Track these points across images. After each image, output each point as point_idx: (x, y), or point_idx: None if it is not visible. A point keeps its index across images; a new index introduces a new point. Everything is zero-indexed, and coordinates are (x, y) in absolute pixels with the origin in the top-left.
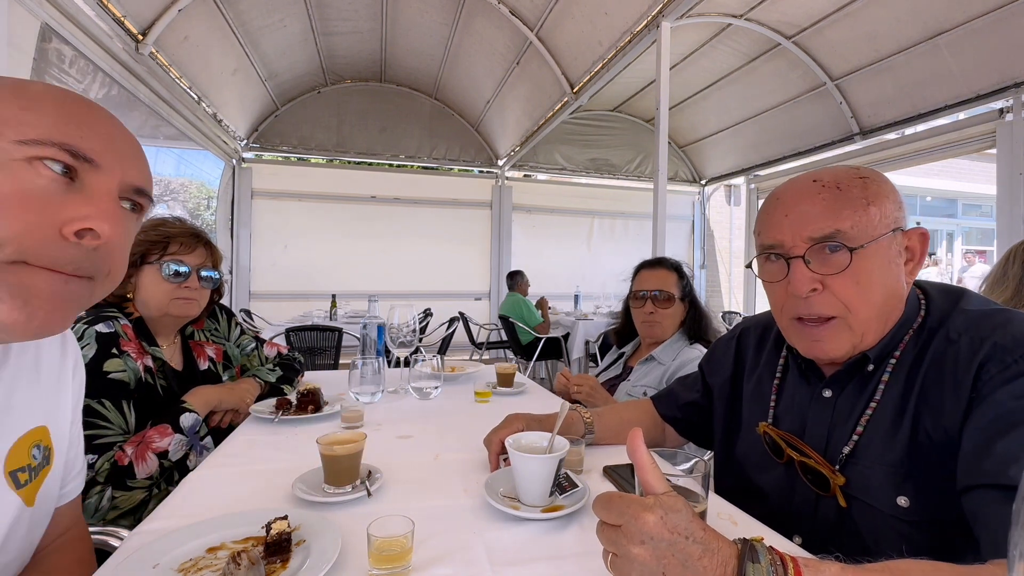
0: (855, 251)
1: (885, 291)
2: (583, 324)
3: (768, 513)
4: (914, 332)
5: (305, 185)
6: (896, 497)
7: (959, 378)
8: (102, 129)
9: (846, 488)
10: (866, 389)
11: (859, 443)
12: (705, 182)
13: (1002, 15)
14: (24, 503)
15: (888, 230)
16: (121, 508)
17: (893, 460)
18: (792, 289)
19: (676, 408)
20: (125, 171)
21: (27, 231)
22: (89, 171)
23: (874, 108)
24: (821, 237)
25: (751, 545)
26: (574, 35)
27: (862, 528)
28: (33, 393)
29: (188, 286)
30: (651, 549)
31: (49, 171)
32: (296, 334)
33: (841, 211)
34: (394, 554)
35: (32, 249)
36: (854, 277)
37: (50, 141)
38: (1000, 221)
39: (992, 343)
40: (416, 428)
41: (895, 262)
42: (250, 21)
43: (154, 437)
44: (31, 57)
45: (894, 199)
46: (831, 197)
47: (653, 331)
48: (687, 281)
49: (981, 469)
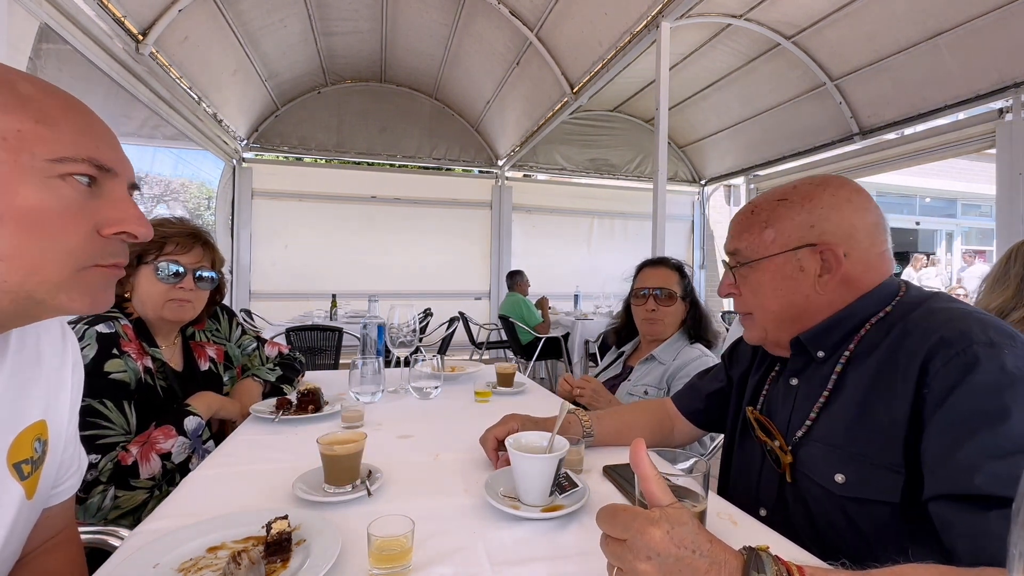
0: (745, 266)
1: (778, 300)
2: (583, 324)
3: (748, 487)
4: (873, 325)
5: (305, 185)
6: (834, 475)
7: (908, 368)
8: (106, 135)
9: (794, 465)
10: (823, 378)
11: (812, 427)
12: (705, 182)
13: (1002, 15)
14: (26, 495)
15: (786, 248)
16: (122, 508)
17: (836, 442)
18: (718, 290)
19: (699, 400)
20: (127, 171)
21: (84, 241)
22: (108, 178)
23: (874, 108)
24: (729, 252)
25: (756, 554)
26: (574, 35)
27: (808, 500)
28: (35, 387)
29: (183, 287)
30: (658, 565)
31: (79, 184)
32: (296, 334)
33: (742, 234)
34: (394, 554)
35: (89, 254)
36: (750, 287)
37: (78, 157)
38: (999, 221)
39: (939, 336)
40: (416, 428)
41: (792, 276)
42: (250, 21)
43: (158, 438)
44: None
45: (805, 219)
46: (744, 220)
47: (654, 329)
48: (688, 281)
49: (947, 478)
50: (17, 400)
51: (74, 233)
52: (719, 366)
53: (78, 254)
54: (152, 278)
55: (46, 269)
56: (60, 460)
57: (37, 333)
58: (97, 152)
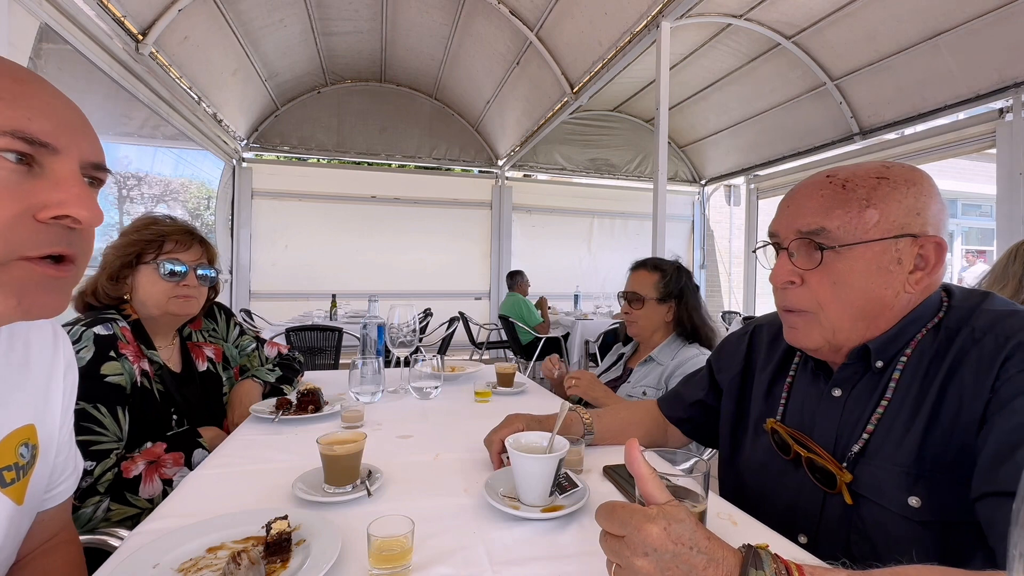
0: (836, 250)
1: (866, 295)
2: (583, 324)
3: (773, 512)
4: (928, 332)
5: (305, 185)
6: (907, 497)
7: (981, 376)
8: (45, 105)
9: (853, 486)
10: (877, 388)
11: (869, 442)
12: (705, 182)
13: (1002, 15)
14: (15, 502)
15: (888, 235)
16: (112, 521)
17: (905, 460)
18: (771, 278)
19: (682, 409)
20: (81, 149)
21: (8, 227)
22: (47, 155)
23: (874, 108)
24: (807, 232)
25: (755, 552)
26: (574, 35)
27: (869, 527)
28: (21, 392)
29: (186, 284)
30: (655, 561)
31: (7, 162)
32: (296, 334)
33: (833, 210)
34: (394, 554)
35: (17, 243)
36: (831, 276)
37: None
38: (1000, 221)
39: (1017, 342)
40: (416, 428)
41: (888, 268)
42: (250, 21)
43: (167, 461)
44: (28, 57)
45: (912, 204)
46: (830, 194)
47: (632, 330)
48: (671, 279)
49: (998, 477)
50: (2, 406)
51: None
52: (703, 372)
53: (2, 242)
54: (154, 277)
55: None
56: (53, 465)
57: (27, 336)
58: (28, 124)
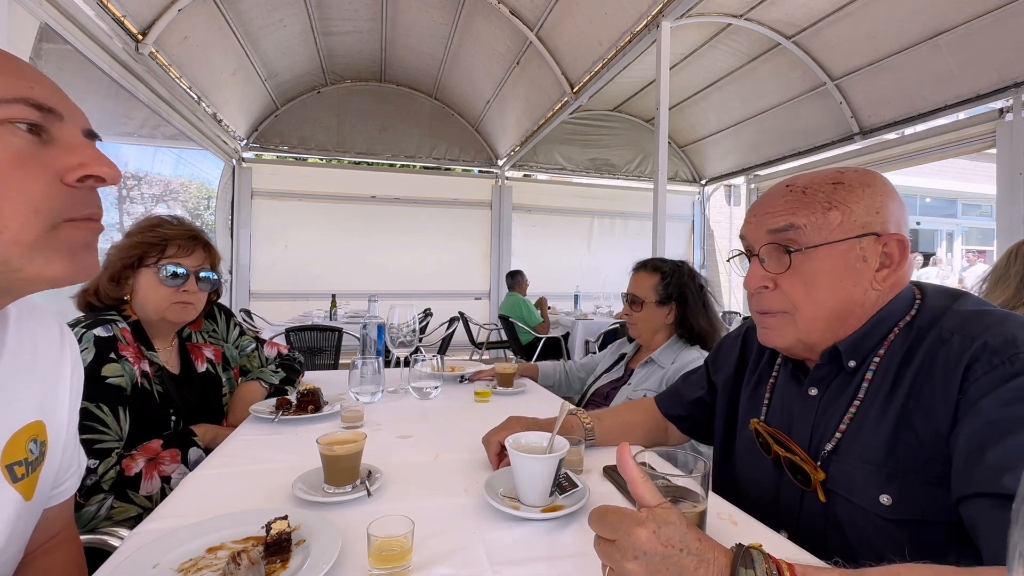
0: (803, 252)
1: (837, 294)
2: (583, 324)
3: (757, 508)
4: (900, 330)
5: (305, 185)
6: (879, 495)
7: (948, 377)
8: (40, 77)
9: (827, 483)
10: (850, 387)
11: (841, 440)
12: (705, 182)
13: (1002, 15)
14: (23, 498)
15: (851, 235)
16: (114, 520)
17: (876, 458)
18: (744, 283)
19: (681, 406)
20: (78, 117)
21: (47, 191)
22: (54, 121)
23: (874, 108)
24: (777, 229)
25: (746, 551)
26: (574, 35)
27: (844, 524)
28: (30, 388)
29: (186, 289)
30: (645, 564)
31: (21, 132)
32: (296, 334)
33: (799, 210)
34: (394, 554)
35: (56, 207)
36: (802, 278)
37: (9, 97)
38: (1000, 221)
39: (982, 343)
40: (416, 428)
41: (855, 267)
42: (250, 21)
43: (165, 459)
44: (28, 56)
45: (870, 204)
46: (793, 199)
47: (633, 331)
48: (670, 281)
49: (973, 479)
50: (12, 402)
51: (33, 184)
52: (701, 371)
53: (43, 208)
54: (154, 280)
55: (11, 228)
56: (60, 461)
57: (33, 334)
58: (31, 92)
